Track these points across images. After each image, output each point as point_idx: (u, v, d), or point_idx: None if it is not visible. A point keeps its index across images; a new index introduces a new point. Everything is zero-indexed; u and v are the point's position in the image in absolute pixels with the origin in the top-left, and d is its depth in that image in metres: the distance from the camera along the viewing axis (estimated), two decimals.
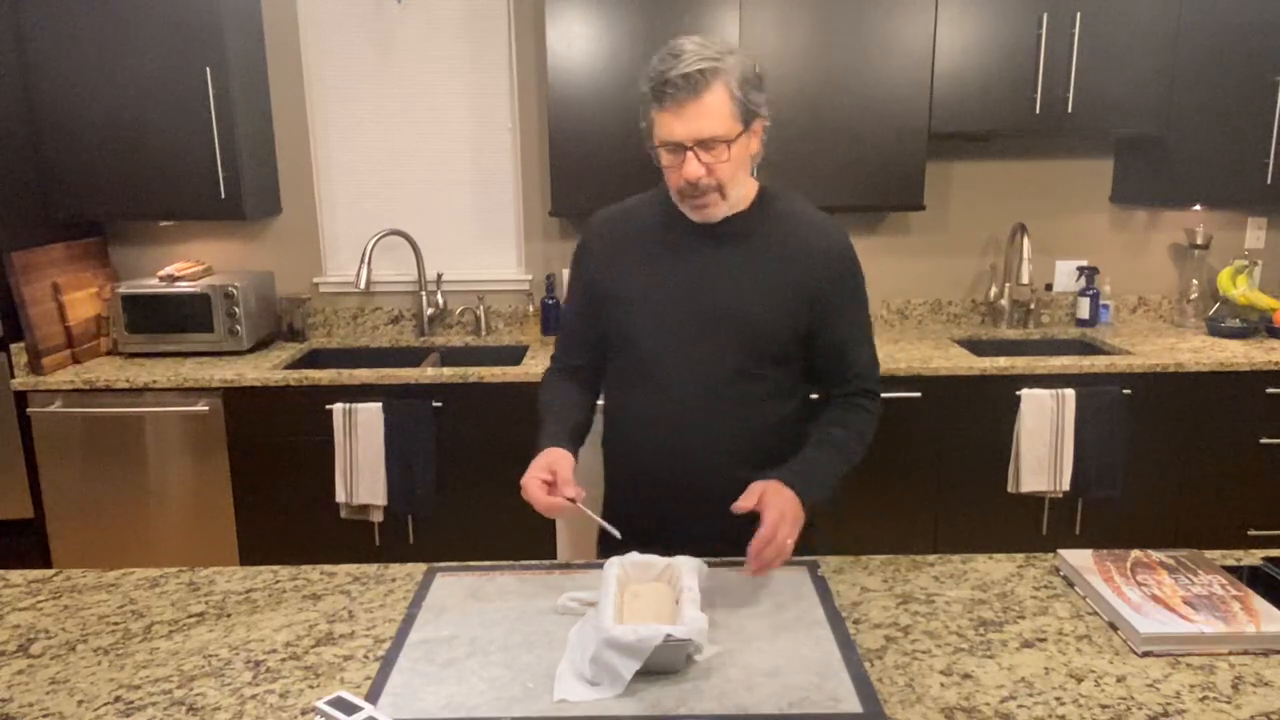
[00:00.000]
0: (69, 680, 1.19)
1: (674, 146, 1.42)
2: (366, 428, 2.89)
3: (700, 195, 1.46)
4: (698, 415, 1.53)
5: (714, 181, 1.44)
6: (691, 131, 1.40)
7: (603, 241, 1.61)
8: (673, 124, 1.40)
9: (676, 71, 1.37)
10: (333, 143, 3.47)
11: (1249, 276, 3.40)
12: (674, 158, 1.44)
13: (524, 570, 1.48)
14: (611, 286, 1.57)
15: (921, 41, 2.99)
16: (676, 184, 1.47)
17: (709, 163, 1.42)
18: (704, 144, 1.41)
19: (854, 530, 3.03)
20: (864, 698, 1.11)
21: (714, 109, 1.39)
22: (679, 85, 1.38)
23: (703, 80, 1.38)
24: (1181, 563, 1.41)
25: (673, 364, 1.53)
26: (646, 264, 1.55)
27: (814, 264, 1.52)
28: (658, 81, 1.39)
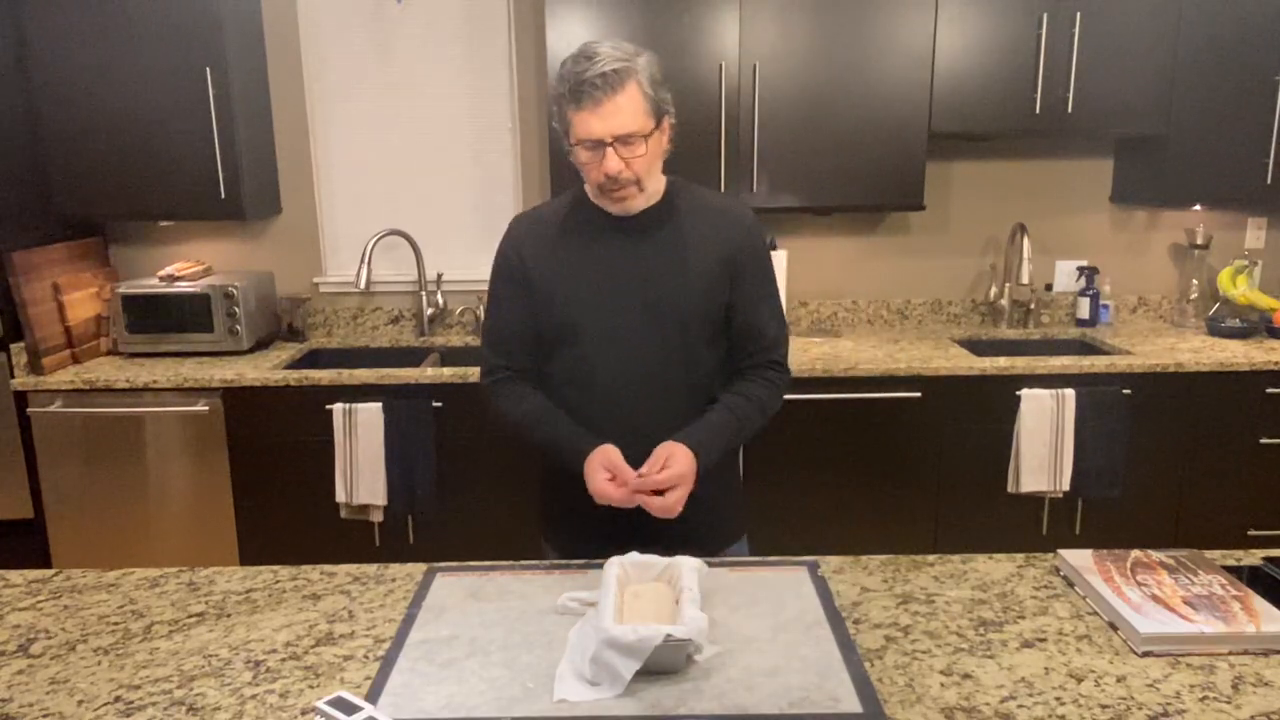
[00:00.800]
0: (69, 680, 1.19)
1: (593, 144, 1.49)
2: (366, 428, 2.89)
3: (620, 188, 1.53)
4: (641, 405, 1.59)
5: (632, 175, 1.51)
6: (610, 128, 1.47)
7: (529, 243, 1.63)
8: (591, 122, 1.47)
9: (593, 72, 1.44)
10: (333, 143, 3.47)
11: (1249, 276, 3.40)
12: (593, 154, 1.50)
13: (524, 570, 1.48)
14: (545, 286, 1.60)
15: (921, 41, 2.99)
16: (597, 179, 1.53)
17: (627, 157, 1.49)
18: (621, 139, 1.48)
19: (854, 530, 3.03)
20: (864, 698, 1.11)
21: (629, 106, 1.47)
22: (596, 84, 1.45)
23: (618, 79, 1.45)
24: (1181, 563, 1.41)
25: (613, 355, 1.58)
26: (576, 261, 1.60)
27: (727, 241, 1.61)
28: (575, 82, 1.46)
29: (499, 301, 1.67)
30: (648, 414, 1.59)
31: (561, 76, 1.49)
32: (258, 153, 3.28)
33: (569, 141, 1.53)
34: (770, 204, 3.10)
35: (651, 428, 1.56)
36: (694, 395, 1.61)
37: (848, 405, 2.94)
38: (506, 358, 1.67)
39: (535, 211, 1.70)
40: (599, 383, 1.59)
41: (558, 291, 1.60)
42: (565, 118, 1.51)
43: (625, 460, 1.52)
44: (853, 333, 3.46)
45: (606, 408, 1.59)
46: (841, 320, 3.57)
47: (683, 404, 1.60)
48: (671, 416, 1.58)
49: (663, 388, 1.59)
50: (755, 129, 3.04)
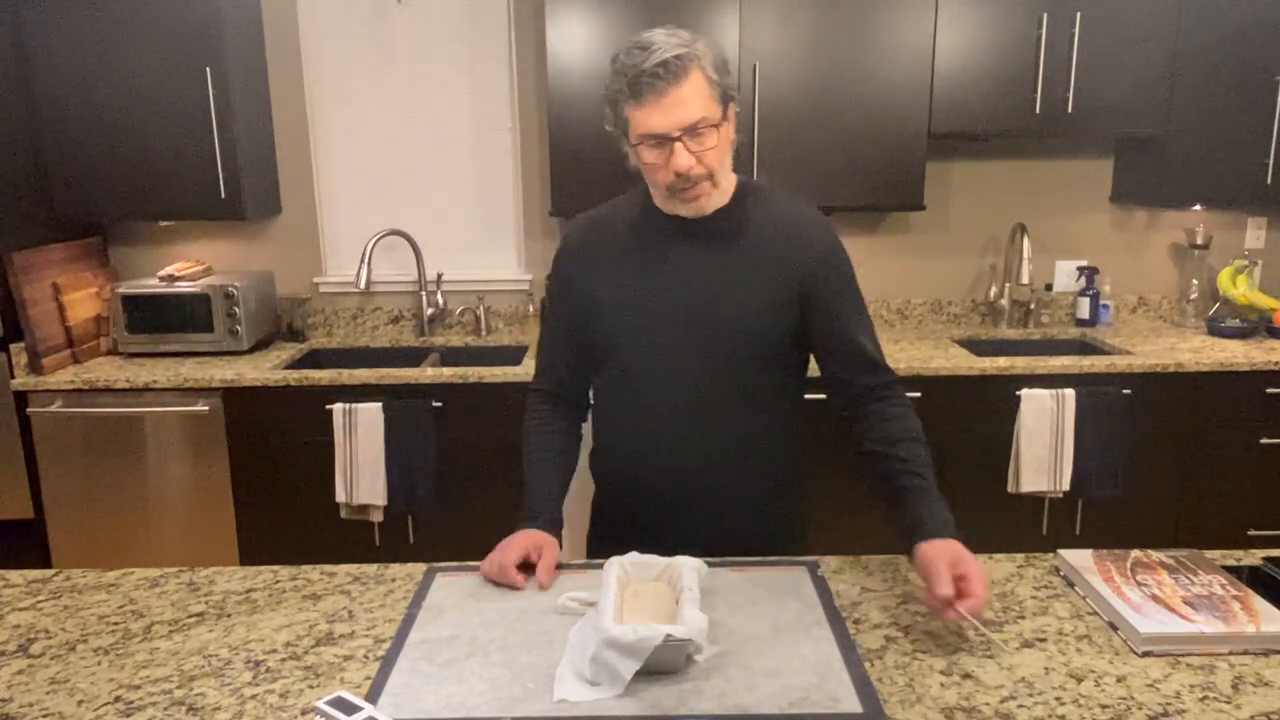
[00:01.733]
0: (69, 680, 1.19)
1: (659, 140, 1.37)
2: (366, 428, 2.89)
3: (692, 186, 1.41)
4: (690, 421, 1.50)
5: (704, 170, 1.40)
6: (677, 120, 1.35)
7: (582, 249, 1.55)
8: (655, 116, 1.35)
9: (652, 61, 1.33)
10: (333, 143, 3.47)
11: (1249, 276, 3.40)
12: (659, 152, 1.38)
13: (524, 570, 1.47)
14: (594, 295, 1.52)
15: (921, 41, 2.99)
16: (665, 180, 1.41)
17: (698, 151, 1.37)
18: (690, 131, 1.36)
19: (854, 530, 3.03)
20: (864, 698, 1.11)
21: (695, 95, 1.35)
22: (658, 74, 1.33)
23: (680, 66, 1.33)
24: (1181, 563, 1.41)
25: (663, 370, 1.49)
26: (629, 269, 1.50)
27: (804, 258, 1.47)
28: (633, 75, 1.34)
29: (549, 314, 1.61)
30: (690, 437, 1.51)
31: (615, 71, 1.38)
32: (258, 153, 3.28)
33: (629, 142, 1.41)
34: None
35: (694, 450, 1.51)
36: (745, 418, 1.52)
37: None
38: (547, 374, 1.63)
39: (594, 212, 1.60)
40: (644, 399, 1.51)
41: (606, 302, 1.50)
42: (622, 115, 1.39)
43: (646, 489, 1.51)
44: None
45: (650, 424, 1.52)
46: None
47: (730, 428, 1.51)
48: (716, 440, 1.51)
49: (708, 409, 1.49)
50: (755, 129, 3.04)
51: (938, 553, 1.27)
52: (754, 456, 1.54)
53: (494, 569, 1.41)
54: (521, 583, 1.39)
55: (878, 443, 1.46)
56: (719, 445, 1.51)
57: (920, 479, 1.40)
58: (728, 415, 1.51)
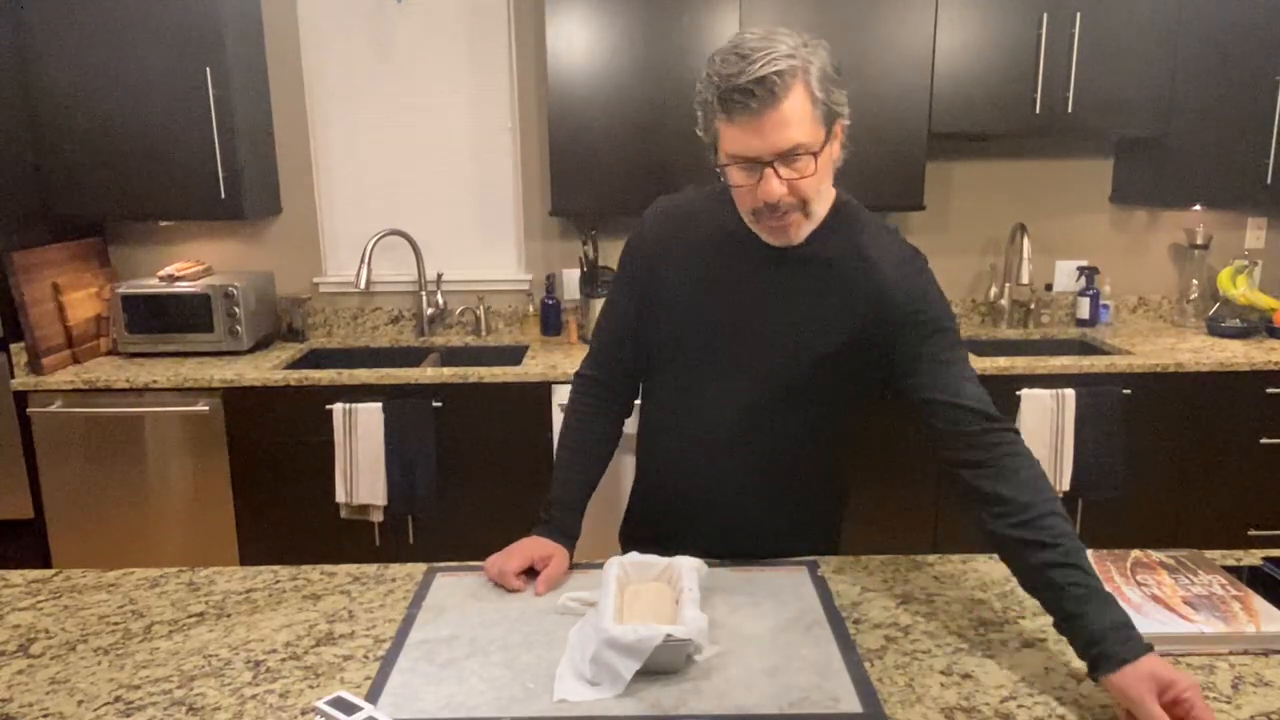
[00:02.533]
0: (69, 680, 1.19)
1: (749, 163, 1.23)
2: (366, 428, 2.89)
3: (780, 216, 1.27)
4: (738, 443, 1.43)
5: (795, 200, 1.26)
6: (770, 145, 1.20)
7: (657, 242, 1.45)
8: (746, 137, 1.21)
9: (749, 76, 1.17)
10: (333, 143, 3.47)
11: (1249, 276, 3.40)
12: (748, 175, 1.24)
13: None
14: (660, 295, 1.43)
15: (921, 41, 2.99)
16: (751, 205, 1.28)
17: (790, 179, 1.23)
18: (785, 157, 1.21)
19: (854, 530, 3.02)
20: (864, 698, 1.11)
21: (795, 116, 1.19)
22: (753, 93, 1.17)
23: (780, 84, 1.18)
24: (1181, 563, 1.41)
25: (718, 387, 1.42)
26: (702, 277, 1.40)
27: (882, 306, 1.33)
28: (726, 88, 1.19)
29: (613, 301, 1.52)
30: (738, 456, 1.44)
31: (709, 78, 1.22)
32: (258, 153, 3.28)
33: (717, 159, 1.28)
34: None
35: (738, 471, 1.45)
36: (784, 438, 1.44)
37: None
38: (598, 360, 1.55)
39: (678, 202, 1.47)
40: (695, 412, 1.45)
41: (672, 305, 1.42)
42: (712, 128, 1.26)
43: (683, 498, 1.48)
44: None
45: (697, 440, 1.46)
46: None
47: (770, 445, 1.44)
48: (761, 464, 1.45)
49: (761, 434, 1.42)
50: None
51: (1135, 684, 1.04)
52: (797, 485, 1.49)
53: (494, 572, 1.41)
54: (519, 586, 1.39)
55: (1012, 524, 1.23)
56: (764, 470, 1.46)
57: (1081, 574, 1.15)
58: (778, 442, 1.44)
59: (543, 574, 1.40)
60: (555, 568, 1.41)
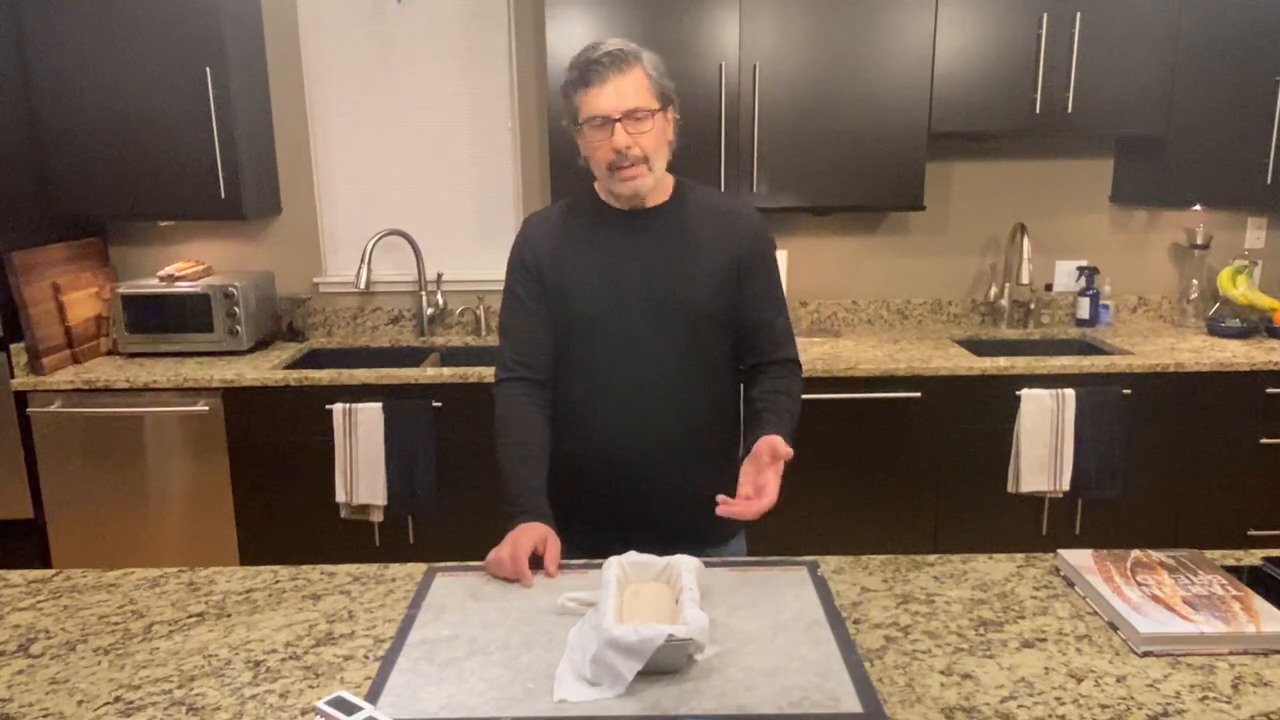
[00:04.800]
0: (69, 680, 1.19)
1: (601, 120, 1.54)
2: (366, 428, 2.89)
3: (629, 165, 1.56)
4: (650, 400, 1.63)
5: (640, 152, 1.56)
6: (618, 104, 1.53)
7: (544, 238, 1.68)
8: (599, 99, 1.53)
9: (600, 52, 1.53)
10: (333, 143, 3.47)
11: (1249, 276, 3.40)
12: (601, 132, 1.55)
13: None
14: (559, 279, 1.64)
15: (921, 41, 2.99)
16: (605, 157, 1.57)
17: (634, 133, 1.54)
18: (629, 115, 1.53)
19: (854, 530, 3.03)
20: (864, 698, 1.11)
21: (636, 84, 1.54)
22: (604, 63, 1.52)
23: (624, 59, 1.54)
24: (1181, 563, 1.42)
25: (622, 351, 1.62)
26: (589, 256, 1.64)
27: (734, 242, 1.66)
28: (583, 65, 1.54)
29: (515, 300, 1.70)
30: (656, 409, 1.64)
31: (570, 66, 1.57)
32: (258, 153, 3.28)
33: (577, 126, 1.58)
34: (770, 204, 3.10)
35: (660, 424, 1.64)
36: (701, 390, 1.67)
37: (848, 405, 2.94)
38: (517, 360, 1.68)
39: (545, 211, 1.75)
40: (608, 377, 1.64)
41: (568, 286, 1.64)
42: (573, 103, 1.57)
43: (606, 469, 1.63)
44: (853, 333, 3.46)
45: (615, 402, 1.64)
46: (841, 320, 3.57)
47: (690, 399, 1.65)
48: (679, 413, 1.65)
49: (671, 383, 1.63)
50: (755, 129, 3.04)
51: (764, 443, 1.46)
52: (711, 427, 1.69)
53: (505, 564, 1.42)
54: (531, 580, 1.42)
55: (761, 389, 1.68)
56: (680, 418, 1.64)
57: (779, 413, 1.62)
58: (683, 389, 1.64)
59: (547, 556, 1.46)
60: (554, 548, 1.48)
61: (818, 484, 2.99)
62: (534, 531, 1.48)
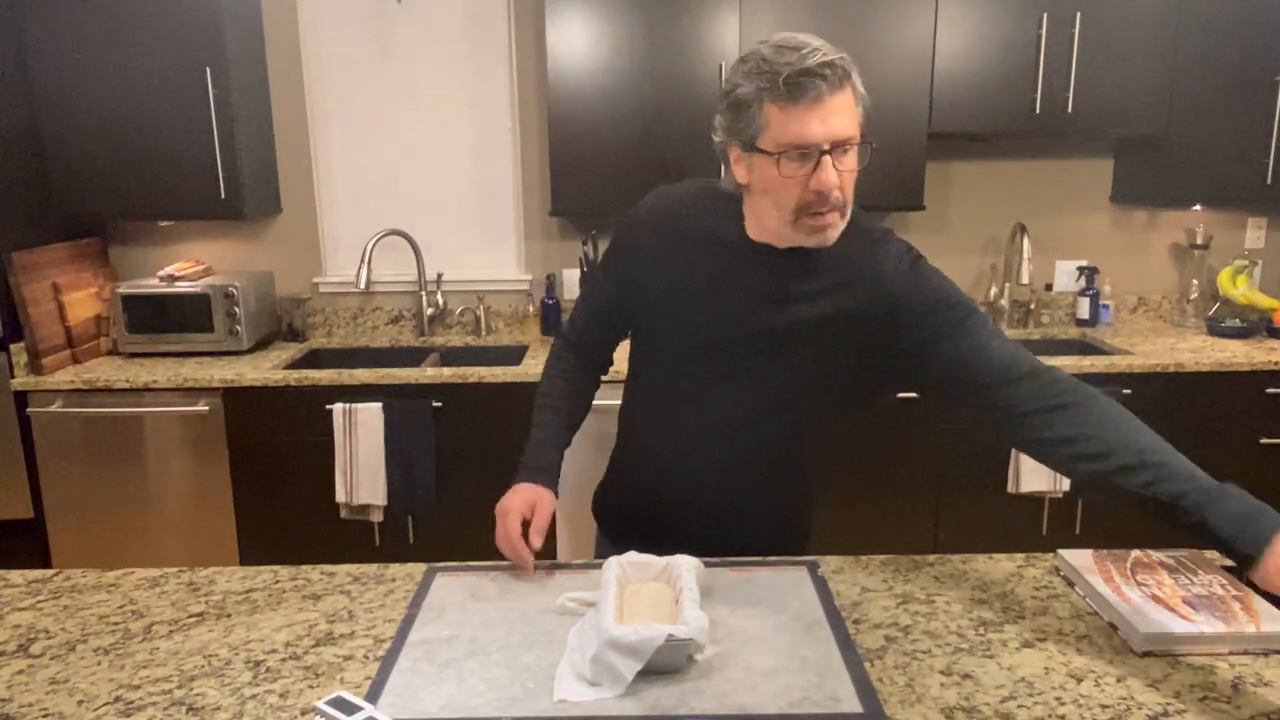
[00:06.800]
0: (69, 680, 1.19)
1: (806, 151, 1.20)
2: (366, 428, 2.89)
3: (827, 211, 1.24)
4: (717, 442, 1.42)
5: (841, 196, 1.24)
6: (831, 130, 1.19)
7: (655, 233, 1.42)
8: (807, 122, 1.18)
9: (816, 60, 1.17)
10: (333, 143, 3.47)
11: (1249, 276, 3.40)
12: (802, 166, 1.21)
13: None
14: (651, 286, 1.41)
15: (921, 41, 2.99)
16: (799, 199, 1.24)
17: (840, 170, 1.22)
18: (839, 147, 1.21)
19: (854, 530, 3.03)
20: (864, 698, 1.11)
21: (850, 107, 1.21)
22: (824, 75, 1.17)
23: (844, 72, 1.20)
24: (1181, 563, 1.41)
25: (701, 386, 1.41)
26: (690, 275, 1.38)
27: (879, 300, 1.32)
28: (789, 73, 1.18)
29: (597, 278, 1.52)
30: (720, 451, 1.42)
31: (754, 70, 1.21)
32: (258, 153, 3.28)
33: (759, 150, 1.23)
34: None
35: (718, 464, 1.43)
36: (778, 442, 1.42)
37: None
38: (580, 329, 1.57)
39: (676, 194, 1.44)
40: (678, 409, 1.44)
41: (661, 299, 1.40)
42: (757, 120, 1.22)
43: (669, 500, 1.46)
44: None
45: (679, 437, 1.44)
46: None
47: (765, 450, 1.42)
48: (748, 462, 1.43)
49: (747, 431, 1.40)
50: None
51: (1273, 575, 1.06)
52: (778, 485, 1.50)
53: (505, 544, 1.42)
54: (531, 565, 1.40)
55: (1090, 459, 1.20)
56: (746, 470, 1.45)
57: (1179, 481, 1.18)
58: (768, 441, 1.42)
59: (533, 526, 1.42)
60: (542, 515, 1.42)
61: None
62: (522, 498, 1.43)
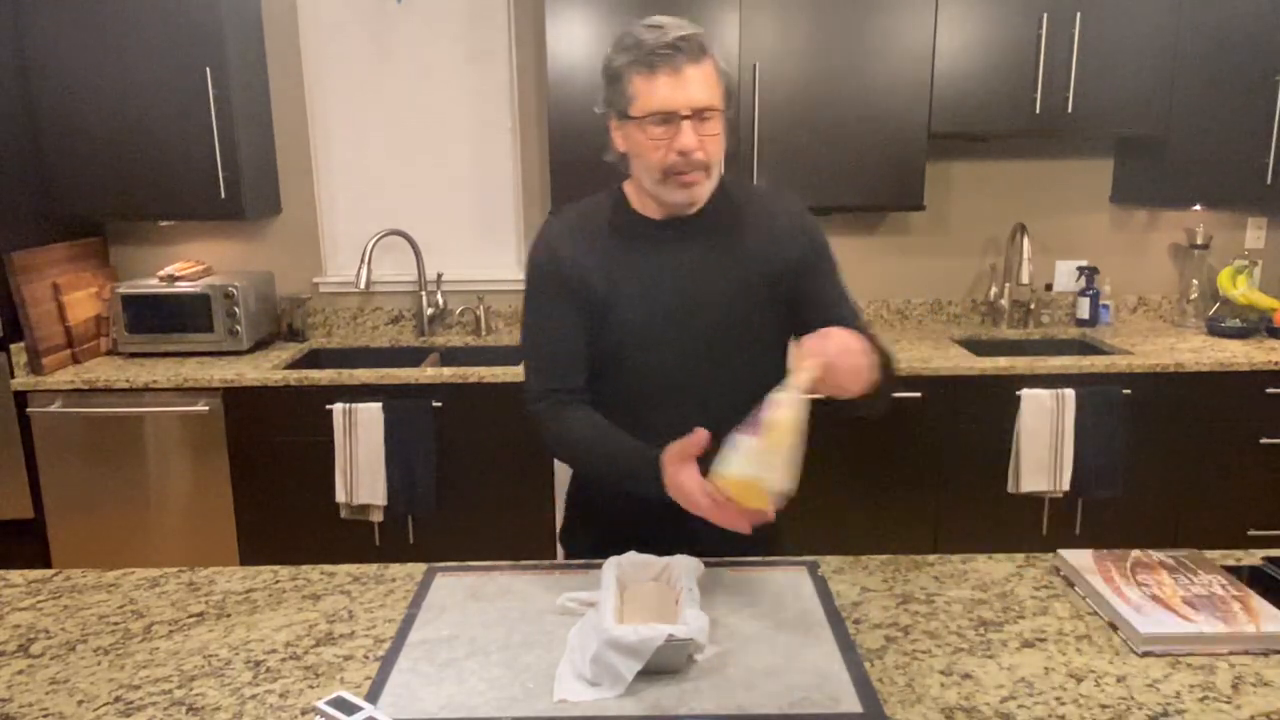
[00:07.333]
0: (69, 680, 1.19)
1: (665, 117, 1.34)
2: (366, 428, 2.89)
3: (691, 170, 1.38)
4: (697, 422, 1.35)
5: (704, 157, 1.37)
6: (690, 98, 1.33)
7: (571, 247, 1.48)
8: (668, 89, 1.33)
9: (673, 35, 1.32)
10: (333, 143, 3.47)
11: (1249, 276, 3.40)
12: (664, 129, 1.35)
13: (524, 570, 1.48)
14: (597, 296, 1.46)
15: (921, 41, 2.99)
16: (663, 161, 1.37)
17: (702, 135, 1.36)
18: (700, 113, 1.34)
19: (854, 530, 3.03)
20: (864, 698, 1.11)
21: (708, 77, 1.35)
22: (679, 48, 1.32)
23: (699, 46, 1.34)
24: (1181, 563, 1.41)
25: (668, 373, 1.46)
26: (623, 268, 1.46)
27: (784, 241, 1.49)
28: (650, 48, 1.32)
29: (541, 318, 1.50)
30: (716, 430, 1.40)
31: (624, 46, 1.36)
32: (258, 153, 3.28)
33: (629, 117, 1.37)
34: None
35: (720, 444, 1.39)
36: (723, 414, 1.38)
37: (848, 405, 2.93)
38: (557, 379, 1.50)
39: (565, 216, 1.54)
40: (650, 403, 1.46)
41: (605, 300, 1.45)
42: (625, 89, 1.36)
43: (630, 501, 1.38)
44: None
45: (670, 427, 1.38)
46: None
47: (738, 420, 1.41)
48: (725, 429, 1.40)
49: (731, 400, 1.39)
50: (755, 129, 3.04)
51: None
52: None
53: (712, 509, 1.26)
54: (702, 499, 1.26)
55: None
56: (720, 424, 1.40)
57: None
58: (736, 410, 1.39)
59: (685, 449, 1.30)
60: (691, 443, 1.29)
61: (818, 484, 2.99)
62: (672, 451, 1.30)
